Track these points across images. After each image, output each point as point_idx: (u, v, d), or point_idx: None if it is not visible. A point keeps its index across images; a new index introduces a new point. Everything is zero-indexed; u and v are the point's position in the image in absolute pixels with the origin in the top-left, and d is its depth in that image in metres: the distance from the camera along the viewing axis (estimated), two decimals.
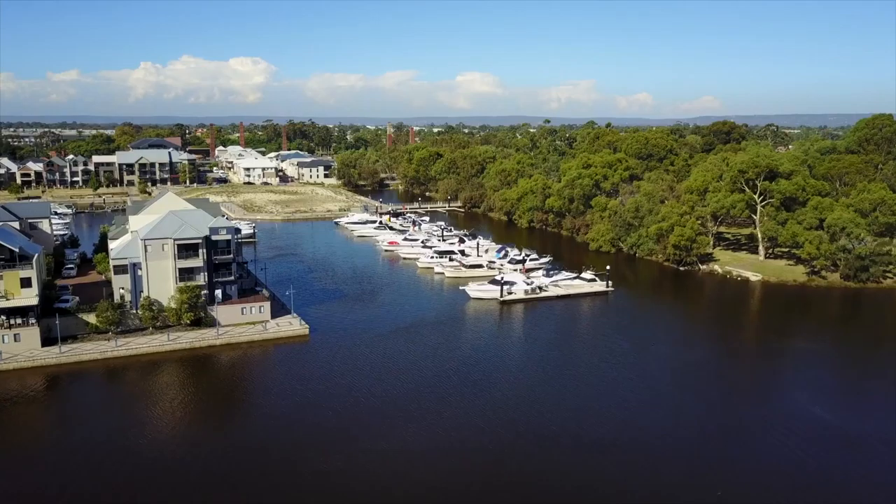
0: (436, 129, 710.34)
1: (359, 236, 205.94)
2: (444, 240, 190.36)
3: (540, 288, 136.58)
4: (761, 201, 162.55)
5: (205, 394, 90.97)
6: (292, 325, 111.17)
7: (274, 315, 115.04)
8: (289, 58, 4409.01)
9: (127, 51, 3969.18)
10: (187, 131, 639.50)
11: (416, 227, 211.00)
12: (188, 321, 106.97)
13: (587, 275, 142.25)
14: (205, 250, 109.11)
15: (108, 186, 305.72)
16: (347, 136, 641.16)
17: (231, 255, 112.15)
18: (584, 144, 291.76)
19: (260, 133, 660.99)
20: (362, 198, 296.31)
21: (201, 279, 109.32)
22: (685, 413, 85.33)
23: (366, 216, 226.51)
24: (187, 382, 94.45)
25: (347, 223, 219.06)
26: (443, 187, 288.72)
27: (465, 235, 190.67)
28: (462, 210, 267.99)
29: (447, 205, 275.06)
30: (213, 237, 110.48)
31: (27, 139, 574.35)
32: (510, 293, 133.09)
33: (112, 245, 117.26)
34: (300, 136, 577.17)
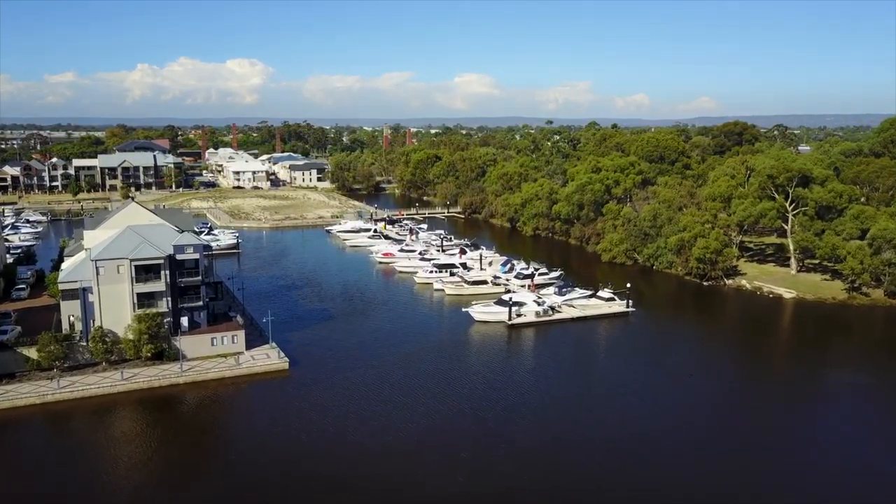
0: (433, 131, 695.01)
1: (351, 246, 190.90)
2: (443, 250, 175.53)
3: (552, 308, 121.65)
4: (793, 210, 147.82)
5: (164, 446, 75.81)
6: (270, 358, 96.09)
7: (250, 345, 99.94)
8: (286, 59, 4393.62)
9: (123, 52, 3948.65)
10: (179, 133, 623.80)
11: (414, 236, 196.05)
12: (148, 354, 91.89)
13: (605, 293, 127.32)
14: (168, 272, 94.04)
15: (88, 191, 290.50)
16: (344, 138, 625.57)
17: (199, 277, 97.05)
18: (589, 146, 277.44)
19: (255, 135, 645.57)
20: (356, 203, 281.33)
21: (163, 305, 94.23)
22: (739, 467, 70.42)
23: (359, 224, 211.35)
24: (143, 432, 79.26)
25: (339, 231, 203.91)
26: (441, 191, 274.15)
27: (467, 245, 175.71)
28: (462, 216, 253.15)
29: (446, 210, 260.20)
30: (178, 256, 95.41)
31: (13, 142, 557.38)
32: (519, 315, 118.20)
33: (64, 264, 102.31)
34: (295, 138, 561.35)
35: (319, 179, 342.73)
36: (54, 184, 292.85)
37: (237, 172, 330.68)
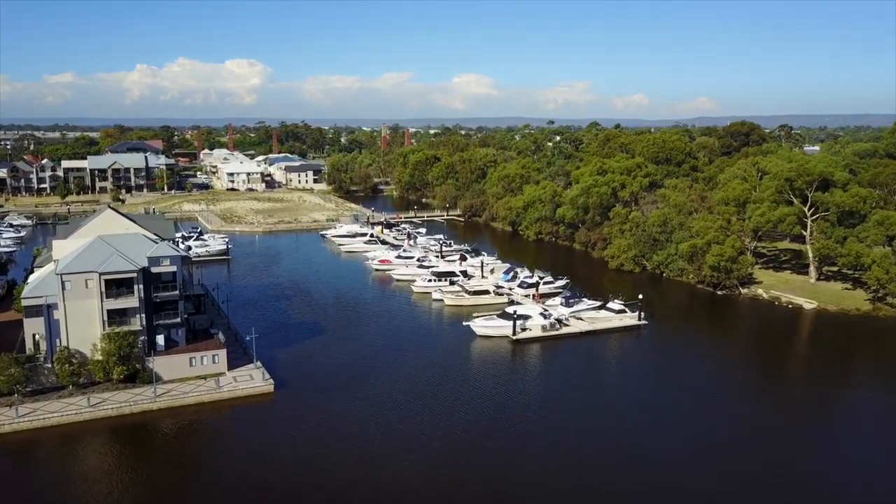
0: (432, 131, 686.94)
1: (347, 252, 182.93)
2: (442, 257, 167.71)
3: (559, 322, 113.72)
4: (812, 215, 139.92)
5: (134, 482, 67.80)
6: (253, 380, 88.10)
7: (233, 364, 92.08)
8: (285, 60, 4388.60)
9: (122, 53, 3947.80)
10: (175, 134, 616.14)
11: (412, 241, 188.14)
12: (119, 377, 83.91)
13: (615, 305, 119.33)
14: (141, 286, 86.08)
15: (78, 193, 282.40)
16: (342, 139, 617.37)
17: (177, 291, 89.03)
18: (592, 147, 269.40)
19: (252, 135, 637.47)
20: (353, 205, 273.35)
21: (137, 323, 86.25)
22: (759, 485, 62.77)
23: (355, 228, 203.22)
24: (111, 466, 71.28)
25: (334, 236, 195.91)
26: (440, 194, 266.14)
27: (467, 252, 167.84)
28: (462, 219, 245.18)
29: (445, 213, 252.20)
30: (153, 269, 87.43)
31: (6, 143, 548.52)
32: (524, 329, 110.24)
33: (31, 276, 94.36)
34: (293, 139, 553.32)
35: (315, 181, 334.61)
36: (42, 186, 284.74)
37: (231, 174, 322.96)
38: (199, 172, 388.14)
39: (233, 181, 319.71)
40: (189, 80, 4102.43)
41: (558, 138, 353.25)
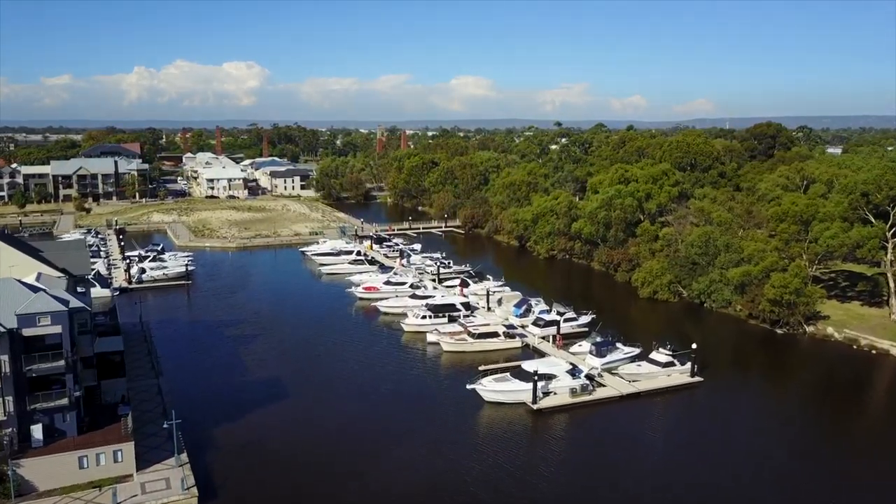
0: (430, 133, 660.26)
1: (328, 273, 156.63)
2: (440, 281, 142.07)
3: (591, 380, 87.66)
4: (893, 236, 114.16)
5: None
6: (169, 489, 61.85)
7: (149, 456, 66.14)
8: (283, 62, 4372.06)
9: (120, 55, 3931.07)
10: (163, 136, 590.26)
11: (405, 261, 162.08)
12: None
13: (661, 356, 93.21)
14: (7, 356, 60.09)
15: (39, 202, 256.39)
16: (337, 141, 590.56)
17: (62, 361, 62.86)
18: (604, 150, 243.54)
19: (244, 137, 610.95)
20: (342, 214, 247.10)
21: None
22: None
23: (340, 244, 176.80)
24: None
25: (315, 255, 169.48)
26: (438, 202, 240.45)
27: (469, 276, 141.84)
28: (462, 231, 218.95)
29: (444, 224, 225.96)
30: (26, 331, 61.36)
31: None
32: (547, 393, 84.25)
33: None
34: (285, 141, 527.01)
35: (303, 187, 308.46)
36: (0, 194, 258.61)
37: (211, 180, 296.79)
38: (179, 178, 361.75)
39: (213, 188, 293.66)
40: (187, 82, 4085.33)
41: (564, 140, 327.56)
